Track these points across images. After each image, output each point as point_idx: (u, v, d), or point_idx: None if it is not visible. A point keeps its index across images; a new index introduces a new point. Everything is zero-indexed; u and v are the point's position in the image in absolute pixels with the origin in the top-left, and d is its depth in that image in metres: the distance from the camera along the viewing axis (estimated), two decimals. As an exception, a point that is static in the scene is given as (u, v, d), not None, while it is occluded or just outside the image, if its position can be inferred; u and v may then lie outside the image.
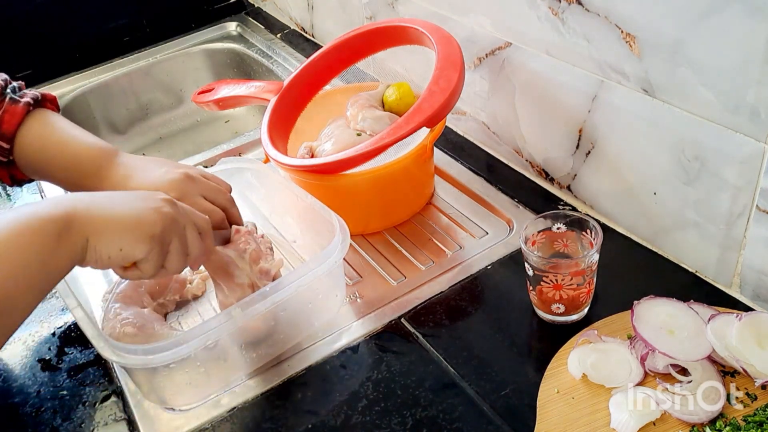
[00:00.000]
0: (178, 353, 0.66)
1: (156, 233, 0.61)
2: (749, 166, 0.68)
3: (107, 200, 0.62)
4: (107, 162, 0.75)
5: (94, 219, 0.59)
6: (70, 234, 0.57)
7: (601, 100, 0.81)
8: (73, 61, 1.49)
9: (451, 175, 1.02)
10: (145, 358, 0.65)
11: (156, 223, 0.61)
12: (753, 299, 0.75)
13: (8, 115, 0.74)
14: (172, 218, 0.63)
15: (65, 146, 0.75)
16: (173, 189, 0.72)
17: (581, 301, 0.74)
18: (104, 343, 0.67)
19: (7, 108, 0.74)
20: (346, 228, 0.76)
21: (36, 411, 0.77)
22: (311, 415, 0.71)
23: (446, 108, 0.84)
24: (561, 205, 0.94)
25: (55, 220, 0.56)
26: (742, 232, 0.72)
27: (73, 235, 0.57)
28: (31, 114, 0.76)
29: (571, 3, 0.78)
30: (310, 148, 0.96)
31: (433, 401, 0.70)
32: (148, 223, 0.61)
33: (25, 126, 0.74)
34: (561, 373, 0.70)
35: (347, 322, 0.81)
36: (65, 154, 0.75)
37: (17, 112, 0.74)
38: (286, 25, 1.58)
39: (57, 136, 0.76)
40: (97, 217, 0.59)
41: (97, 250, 0.59)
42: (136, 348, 0.66)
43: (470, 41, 0.97)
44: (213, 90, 1.08)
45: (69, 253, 0.57)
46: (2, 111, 0.74)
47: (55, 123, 0.77)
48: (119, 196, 0.64)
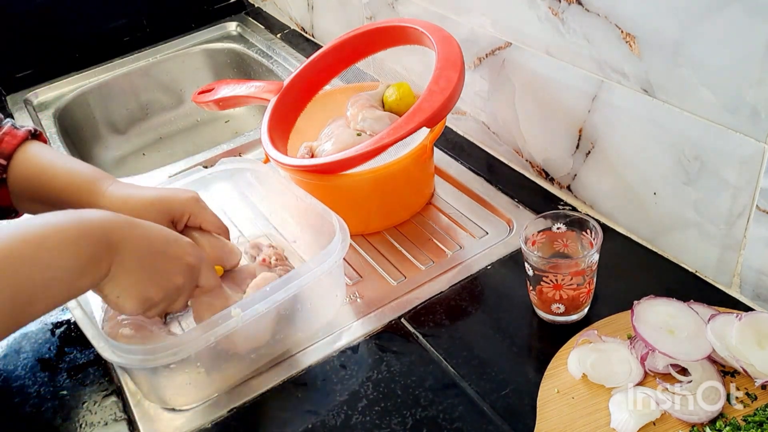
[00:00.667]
0: (179, 354, 0.66)
1: (174, 286, 0.65)
2: (749, 166, 0.68)
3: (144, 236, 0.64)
4: (107, 178, 0.76)
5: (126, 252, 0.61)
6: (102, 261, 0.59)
7: (601, 100, 0.81)
8: (73, 61, 1.49)
9: (451, 175, 1.02)
10: (145, 358, 0.65)
11: (177, 276, 0.65)
12: (753, 299, 0.75)
13: (9, 137, 0.75)
14: (192, 267, 0.67)
15: (64, 165, 0.76)
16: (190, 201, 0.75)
17: (581, 301, 0.74)
18: (104, 343, 0.67)
19: (8, 131, 0.75)
20: (346, 228, 0.76)
21: (36, 411, 0.77)
22: (311, 415, 0.71)
23: (446, 108, 0.84)
24: (561, 205, 0.94)
25: (98, 241, 0.59)
26: (742, 232, 0.72)
27: (104, 263, 0.59)
28: (30, 141, 0.77)
29: (571, 3, 0.78)
30: (310, 148, 0.96)
31: (433, 401, 0.70)
32: (170, 275, 0.65)
33: (23, 147, 0.75)
34: (561, 373, 0.70)
35: (347, 322, 0.81)
36: (66, 169, 0.75)
37: (18, 135, 0.75)
38: (286, 25, 1.58)
39: (56, 157, 0.77)
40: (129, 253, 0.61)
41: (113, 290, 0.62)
42: (136, 348, 0.66)
43: (470, 41, 0.97)
44: (213, 90, 1.08)
45: (93, 278, 0.60)
46: (3, 133, 0.75)
47: (52, 151, 0.79)
48: (156, 232, 0.65)
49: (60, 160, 0.77)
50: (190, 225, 0.76)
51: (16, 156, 0.74)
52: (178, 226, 0.75)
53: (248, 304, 0.70)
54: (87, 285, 0.59)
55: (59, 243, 0.56)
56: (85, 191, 0.73)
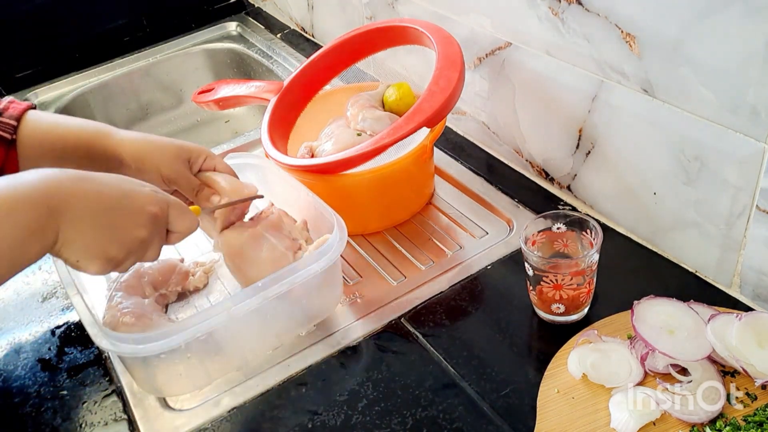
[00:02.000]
0: (168, 344, 0.66)
1: (137, 240, 0.61)
2: (749, 166, 0.68)
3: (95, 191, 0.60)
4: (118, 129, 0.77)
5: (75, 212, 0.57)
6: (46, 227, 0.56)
7: (601, 100, 0.81)
8: (73, 61, 1.49)
9: (451, 175, 1.02)
10: (136, 347, 0.66)
11: (139, 229, 0.61)
12: (753, 299, 0.75)
13: (14, 104, 0.75)
14: (155, 216, 0.63)
15: (74, 120, 0.77)
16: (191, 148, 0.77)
17: (581, 301, 0.74)
18: (98, 330, 0.68)
19: (11, 101, 0.76)
20: (344, 226, 0.76)
21: (36, 411, 0.77)
22: (311, 415, 0.71)
23: (446, 108, 0.84)
24: (561, 205, 0.94)
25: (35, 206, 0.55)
26: (742, 232, 0.72)
27: (48, 229, 0.56)
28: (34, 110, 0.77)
29: (571, 3, 0.78)
30: (310, 148, 0.96)
31: (433, 401, 0.70)
32: (130, 229, 0.61)
33: (29, 111, 0.76)
34: (561, 373, 0.70)
35: (347, 322, 0.81)
36: (76, 122, 0.76)
37: (23, 104, 0.76)
38: (286, 25, 1.58)
39: (63, 117, 0.78)
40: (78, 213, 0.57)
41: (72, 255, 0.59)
42: (127, 337, 0.67)
43: (470, 41, 0.97)
44: (213, 90, 1.08)
45: (41, 246, 0.57)
46: (7, 102, 0.76)
47: (57, 114, 0.80)
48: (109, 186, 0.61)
49: (68, 118, 0.78)
50: (205, 168, 0.78)
51: (25, 117, 0.74)
52: (194, 168, 0.77)
53: (240, 298, 0.70)
54: (36, 254, 0.56)
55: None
56: (101, 136, 0.75)
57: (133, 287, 0.82)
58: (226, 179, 0.78)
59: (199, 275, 0.88)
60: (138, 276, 0.83)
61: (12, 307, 0.91)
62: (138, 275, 0.83)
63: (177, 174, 0.75)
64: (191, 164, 0.77)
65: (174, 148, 0.76)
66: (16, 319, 0.90)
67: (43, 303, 0.91)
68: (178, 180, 0.75)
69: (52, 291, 0.93)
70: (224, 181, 0.77)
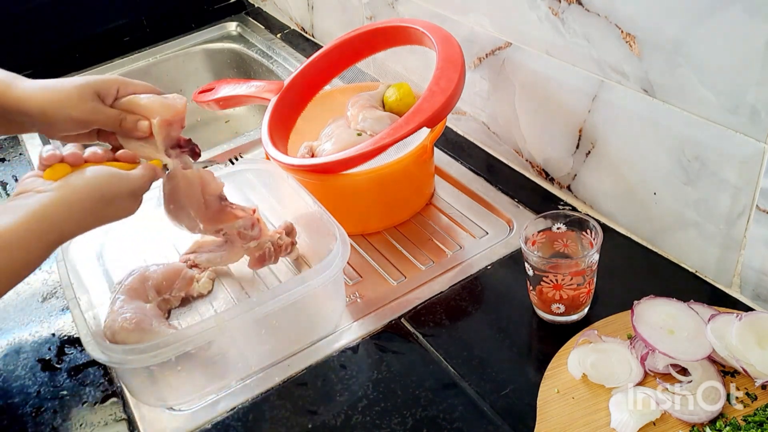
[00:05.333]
0: (158, 357, 0.67)
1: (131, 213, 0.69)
2: (749, 166, 0.68)
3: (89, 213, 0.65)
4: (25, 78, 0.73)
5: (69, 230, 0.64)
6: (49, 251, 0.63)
7: (601, 100, 0.81)
8: (73, 61, 1.49)
9: (451, 175, 1.02)
10: (125, 358, 0.67)
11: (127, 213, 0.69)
12: (753, 299, 0.75)
13: None
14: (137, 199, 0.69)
15: None
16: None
17: (581, 301, 0.74)
18: (90, 339, 0.68)
19: None
20: (347, 240, 0.76)
21: (36, 411, 0.77)
22: (311, 415, 0.71)
23: (446, 108, 0.84)
24: (561, 205, 0.94)
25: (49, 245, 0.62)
26: (742, 232, 0.72)
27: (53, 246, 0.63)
28: None
29: (571, 3, 0.78)
30: (310, 148, 0.96)
31: (433, 401, 0.70)
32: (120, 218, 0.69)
33: None
34: (561, 373, 0.70)
35: (347, 322, 0.81)
36: None
37: None
38: (286, 25, 1.58)
39: None
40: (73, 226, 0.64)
41: None
42: (117, 348, 0.68)
43: (470, 41, 0.97)
44: (213, 89, 1.08)
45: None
46: None
47: None
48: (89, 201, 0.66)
49: None
50: (122, 95, 0.73)
51: None
52: (108, 100, 0.72)
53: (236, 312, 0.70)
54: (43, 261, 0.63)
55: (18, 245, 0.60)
56: (1, 90, 0.70)
57: (135, 291, 0.82)
58: (146, 98, 0.73)
59: (204, 281, 0.88)
60: (142, 280, 0.83)
61: (12, 307, 0.91)
62: (142, 279, 0.83)
63: (90, 113, 0.71)
64: (103, 98, 0.72)
65: (76, 88, 0.70)
66: (16, 319, 0.90)
67: (43, 303, 0.91)
68: (93, 118, 0.71)
69: (52, 291, 0.93)
70: (146, 100, 0.73)
